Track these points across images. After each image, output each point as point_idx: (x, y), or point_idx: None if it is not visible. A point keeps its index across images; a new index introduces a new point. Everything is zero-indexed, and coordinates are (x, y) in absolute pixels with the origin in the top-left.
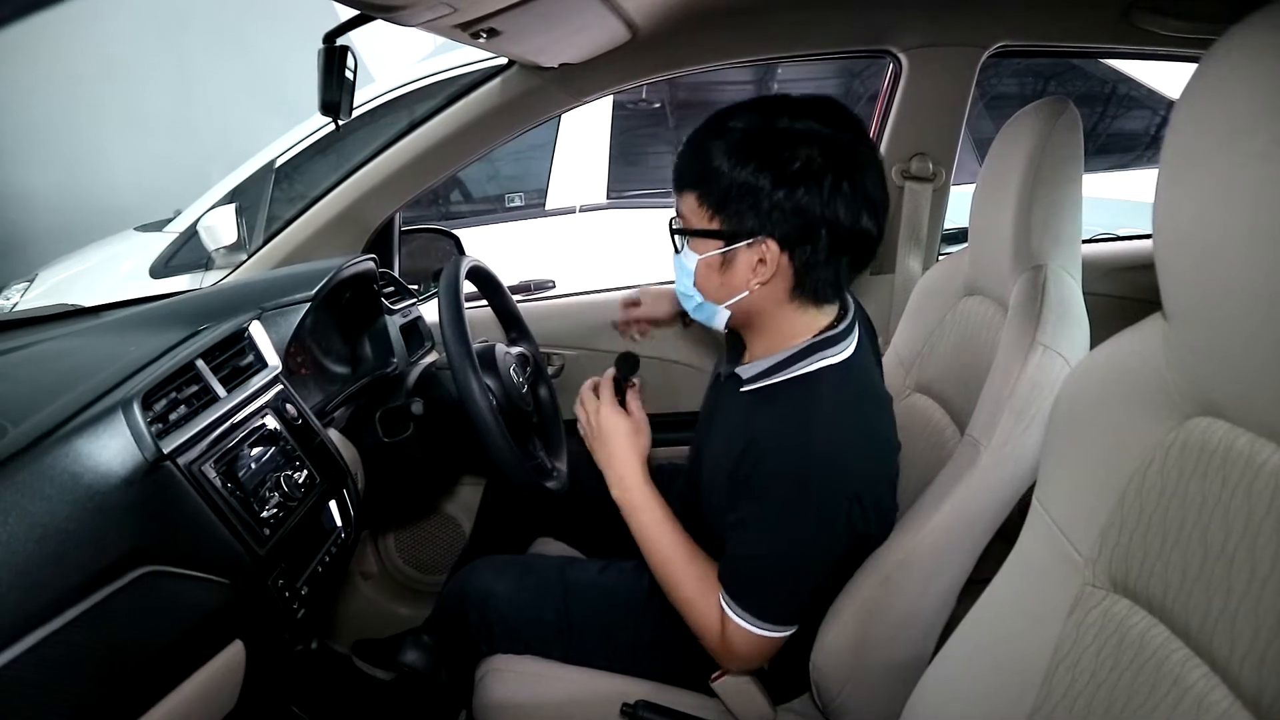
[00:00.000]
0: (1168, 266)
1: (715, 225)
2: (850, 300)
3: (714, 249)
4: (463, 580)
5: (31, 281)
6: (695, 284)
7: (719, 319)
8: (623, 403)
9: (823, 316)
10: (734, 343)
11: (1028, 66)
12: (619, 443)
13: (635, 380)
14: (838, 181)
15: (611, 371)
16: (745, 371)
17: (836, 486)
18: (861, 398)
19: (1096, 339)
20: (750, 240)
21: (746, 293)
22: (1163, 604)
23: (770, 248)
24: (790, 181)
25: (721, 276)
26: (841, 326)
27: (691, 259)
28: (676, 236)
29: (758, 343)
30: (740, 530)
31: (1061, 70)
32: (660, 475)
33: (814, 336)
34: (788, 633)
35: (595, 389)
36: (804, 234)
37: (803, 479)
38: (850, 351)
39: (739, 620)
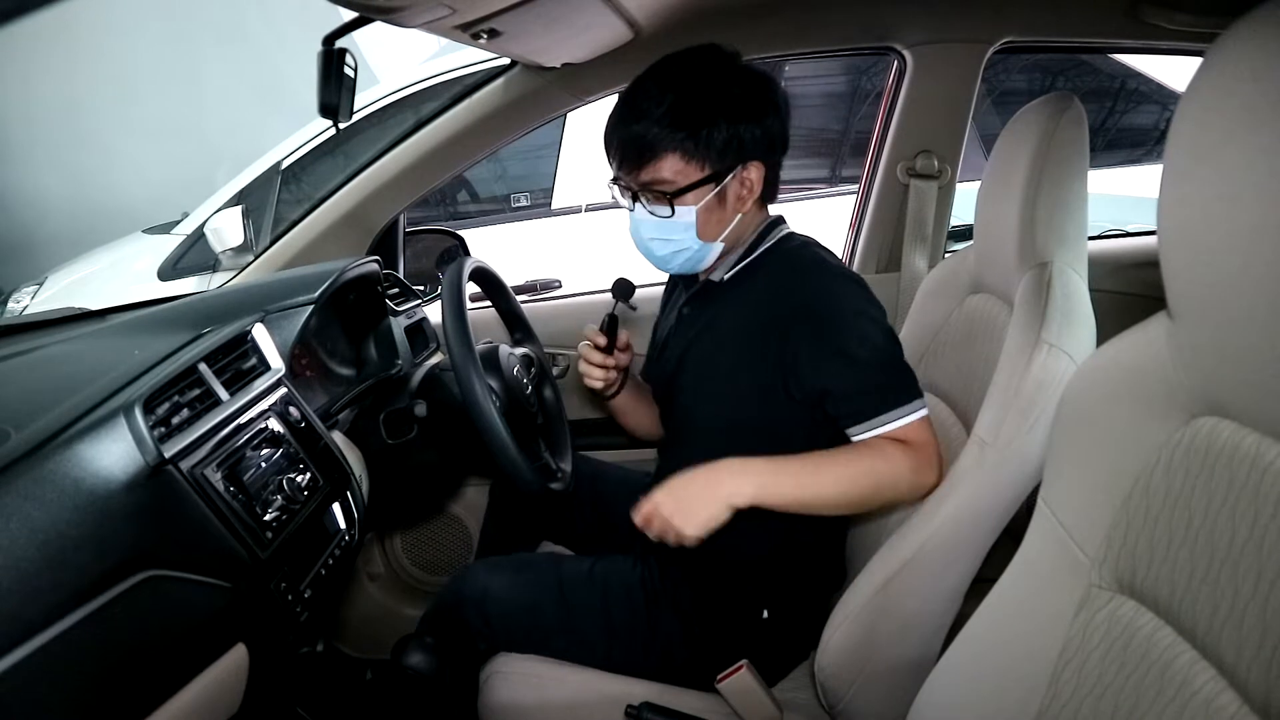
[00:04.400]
0: (1173, 264)
1: (706, 172)
2: None
3: (708, 193)
4: (459, 582)
5: (41, 284)
6: (697, 232)
7: (711, 257)
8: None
9: (766, 211)
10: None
11: (1035, 62)
12: (692, 479)
13: (633, 306)
14: (774, 104)
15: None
16: (720, 273)
17: (845, 280)
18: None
19: (1105, 336)
20: (736, 172)
21: (739, 217)
22: (1169, 605)
23: (754, 172)
24: (753, 114)
25: (718, 214)
26: (776, 215)
27: (689, 212)
28: (663, 202)
29: (729, 253)
30: (827, 366)
31: (1069, 66)
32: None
33: (764, 224)
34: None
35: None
36: (770, 152)
37: (828, 296)
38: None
39: (906, 420)
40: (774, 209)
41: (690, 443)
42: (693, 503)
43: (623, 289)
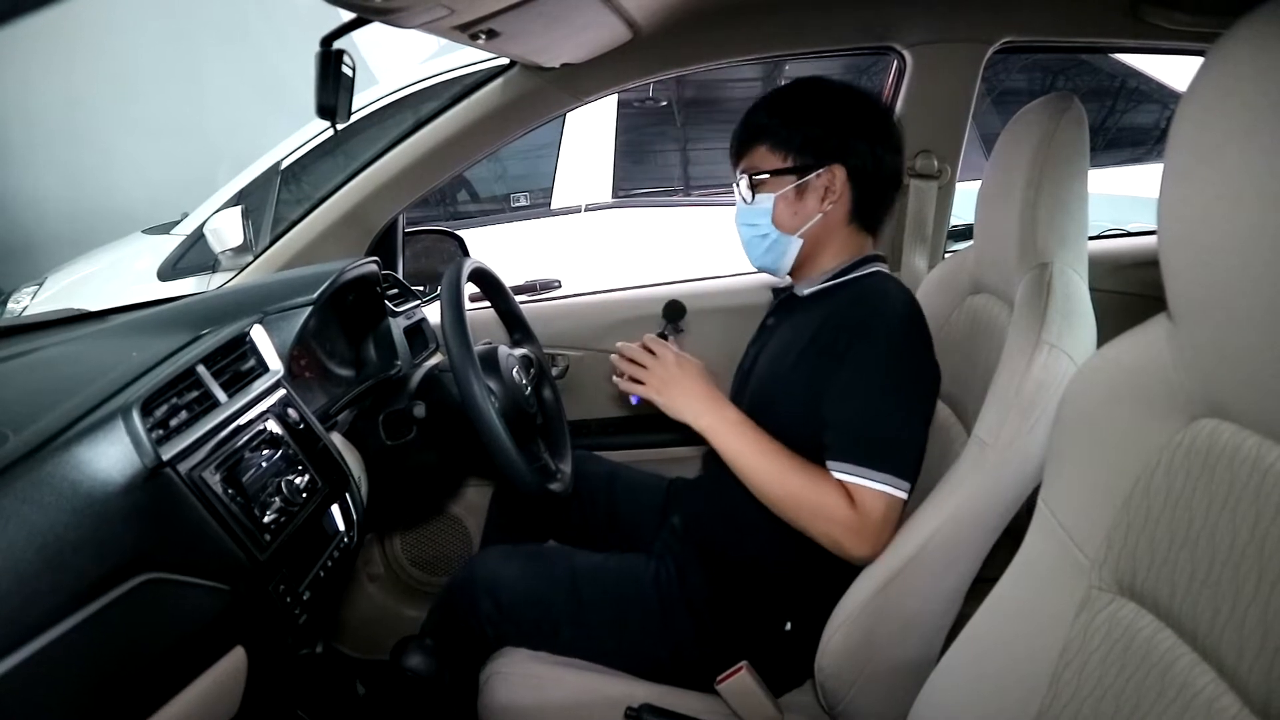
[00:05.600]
0: (1172, 265)
1: (789, 164)
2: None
3: (788, 184)
4: (472, 568)
5: (41, 285)
6: (773, 219)
7: (791, 252)
8: None
9: (868, 244)
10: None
11: (1035, 61)
12: (695, 375)
13: (680, 328)
14: (872, 130)
15: (650, 336)
16: (804, 287)
17: (913, 335)
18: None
19: (1106, 336)
20: (819, 171)
21: (819, 216)
22: (1169, 607)
23: (837, 174)
24: (842, 126)
25: (796, 206)
26: (882, 253)
27: (768, 199)
28: (749, 188)
29: (815, 265)
30: (842, 397)
31: (1070, 65)
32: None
33: (863, 255)
34: (908, 492)
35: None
36: (857, 166)
37: (886, 332)
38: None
39: (870, 484)
40: None
41: None
42: (674, 391)
43: (673, 312)
